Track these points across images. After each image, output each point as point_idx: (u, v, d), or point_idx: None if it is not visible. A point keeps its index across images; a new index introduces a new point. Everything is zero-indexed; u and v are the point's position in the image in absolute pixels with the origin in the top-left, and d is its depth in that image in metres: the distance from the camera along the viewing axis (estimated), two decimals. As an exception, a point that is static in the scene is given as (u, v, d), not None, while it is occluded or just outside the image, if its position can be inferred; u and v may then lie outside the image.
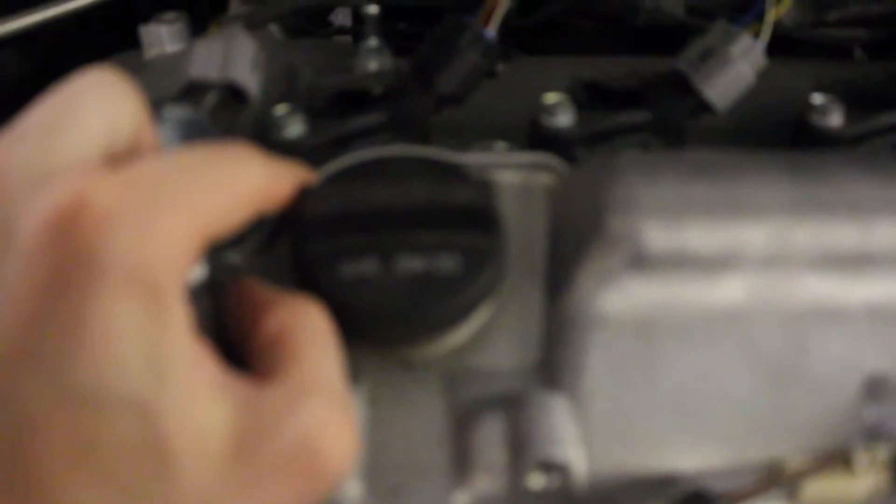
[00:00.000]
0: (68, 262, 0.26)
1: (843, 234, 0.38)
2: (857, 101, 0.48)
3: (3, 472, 0.26)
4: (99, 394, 0.26)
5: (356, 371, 0.37)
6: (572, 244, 0.39)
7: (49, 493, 0.26)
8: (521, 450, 0.34)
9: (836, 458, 0.33)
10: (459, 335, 0.38)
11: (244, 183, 0.32)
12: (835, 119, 0.46)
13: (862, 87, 0.49)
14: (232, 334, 0.33)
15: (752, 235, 0.38)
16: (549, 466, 0.33)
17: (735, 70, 0.46)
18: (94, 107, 0.31)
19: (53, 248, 0.26)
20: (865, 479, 0.34)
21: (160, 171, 0.29)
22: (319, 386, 0.30)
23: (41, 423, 0.26)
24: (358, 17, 0.59)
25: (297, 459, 0.28)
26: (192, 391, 0.27)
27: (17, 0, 0.53)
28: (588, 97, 0.47)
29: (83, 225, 0.26)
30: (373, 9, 0.54)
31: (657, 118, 0.46)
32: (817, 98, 0.47)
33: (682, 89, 0.47)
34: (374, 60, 0.52)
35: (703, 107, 0.47)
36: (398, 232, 0.36)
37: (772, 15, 0.47)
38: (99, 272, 0.26)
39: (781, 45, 0.52)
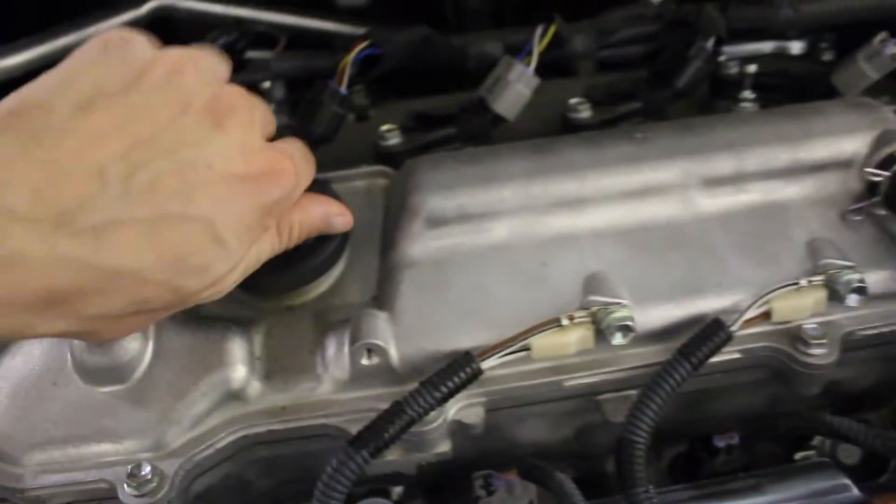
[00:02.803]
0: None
1: (562, 185, 0.58)
2: (608, 99, 0.68)
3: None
4: None
5: (257, 314, 0.57)
6: (393, 219, 0.59)
7: None
8: (355, 342, 0.53)
9: (551, 321, 0.52)
10: (322, 285, 0.58)
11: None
12: (584, 113, 0.66)
13: (614, 89, 0.70)
14: None
15: (504, 194, 0.58)
16: (371, 349, 0.53)
17: (513, 90, 0.67)
18: None
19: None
20: (573, 333, 0.53)
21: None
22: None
23: None
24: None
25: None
26: None
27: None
28: (416, 123, 0.68)
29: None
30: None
31: (463, 132, 0.67)
32: (572, 101, 0.67)
33: (483, 108, 0.68)
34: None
35: (498, 118, 0.68)
36: None
37: (536, 51, 0.67)
38: None
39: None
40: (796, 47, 0.82)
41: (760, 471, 0.59)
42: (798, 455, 0.62)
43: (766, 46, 0.82)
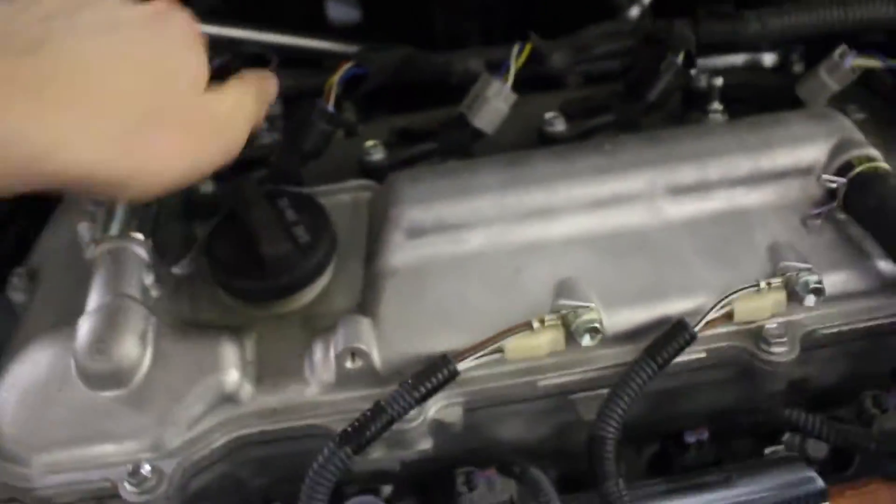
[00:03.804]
0: None
1: (533, 196, 0.61)
2: (583, 112, 0.71)
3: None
4: None
5: (249, 321, 0.60)
6: (376, 230, 0.63)
7: None
8: (340, 347, 0.57)
9: (523, 325, 0.55)
10: (310, 294, 0.62)
11: None
12: (559, 126, 0.70)
13: (589, 103, 0.73)
14: None
15: (479, 205, 0.61)
16: (355, 353, 0.56)
17: (492, 106, 0.70)
18: None
19: None
20: (545, 335, 0.56)
21: None
22: None
23: None
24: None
25: None
26: None
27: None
28: (399, 138, 0.71)
29: None
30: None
31: (444, 146, 0.70)
32: (547, 115, 0.71)
33: (463, 124, 0.71)
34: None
35: (478, 133, 0.71)
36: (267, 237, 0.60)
37: (513, 68, 0.71)
38: None
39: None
40: (768, 59, 0.85)
41: (730, 465, 0.61)
42: (768, 450, 0.65)
43: (739, 59, 0.85)
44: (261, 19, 0.97)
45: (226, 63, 0.84)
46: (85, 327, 0.58)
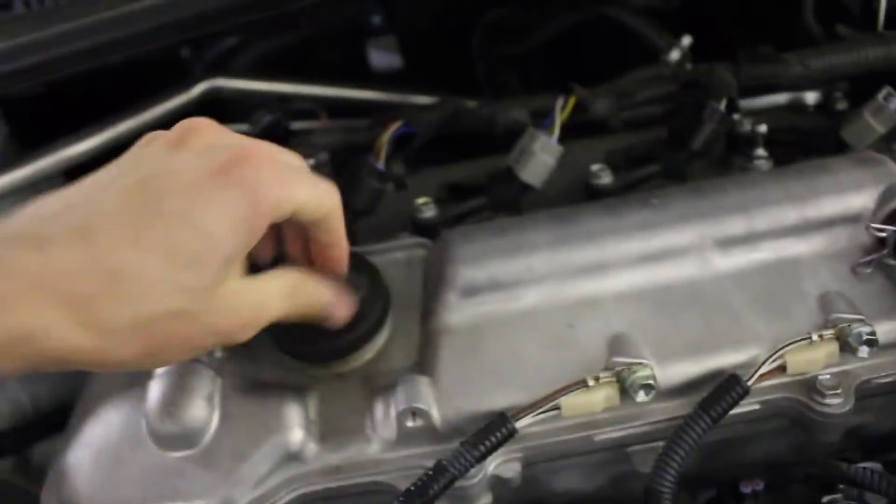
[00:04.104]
0: None
1: (584, 253, 0.63)
2: (628, 163, 0.73)
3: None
4: None
5: (310, 381, 0.63)
6: (431, 289, 0.65)
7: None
8: (401, 407, 0.58)
9: (578, 382, 0.57)
10: (368, 352, 0.64)
11: None
12: (606, 179, 0.71)
13: (633, 153, 0.74)
14: None
15: (531, 263, 0.63)
16: (415, 412, 0.58)
17: (539, 160, 0.72)
18: None
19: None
20: (600, 392, 0.57)
21: None
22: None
23: None
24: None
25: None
26: None
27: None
28: (449, 194, 0.73)
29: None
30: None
31: (493, 201, 0.72)
32: (593, 167, 0.72)
33: (511, 177, 0.73)
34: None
35: (525, 186, 0.73)
36: None
37: (558, 121, 0.72)
38: None
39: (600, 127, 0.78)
40: (811, 98, 0.85)
41: (788, 517, 0.62)
42: (826, 498, 0.65)
43: (782, 98, 0.86)
44: (305, 69, 1.01)
45: (277, 119, 0.87)
46: (155, 390, 0.61)
